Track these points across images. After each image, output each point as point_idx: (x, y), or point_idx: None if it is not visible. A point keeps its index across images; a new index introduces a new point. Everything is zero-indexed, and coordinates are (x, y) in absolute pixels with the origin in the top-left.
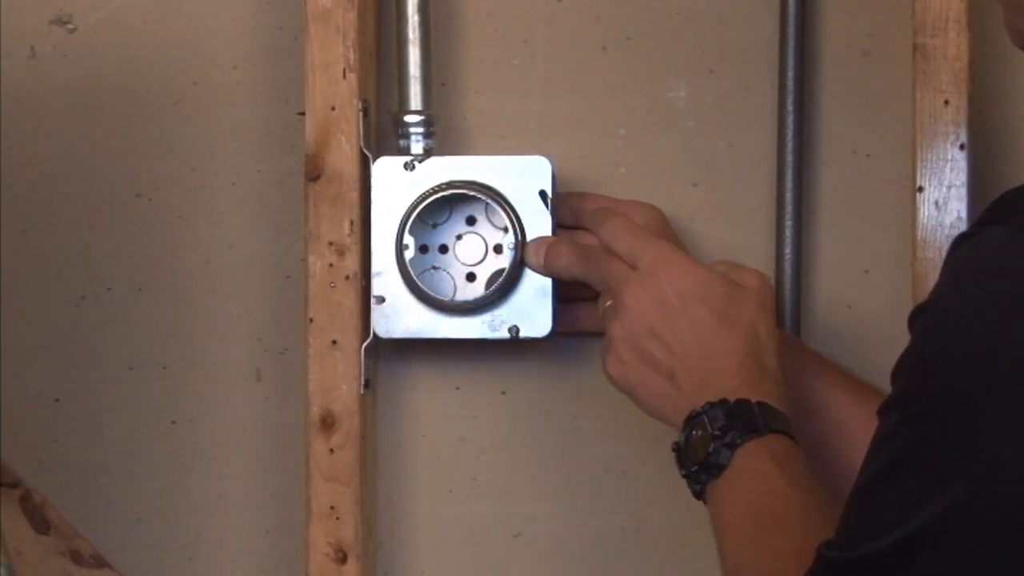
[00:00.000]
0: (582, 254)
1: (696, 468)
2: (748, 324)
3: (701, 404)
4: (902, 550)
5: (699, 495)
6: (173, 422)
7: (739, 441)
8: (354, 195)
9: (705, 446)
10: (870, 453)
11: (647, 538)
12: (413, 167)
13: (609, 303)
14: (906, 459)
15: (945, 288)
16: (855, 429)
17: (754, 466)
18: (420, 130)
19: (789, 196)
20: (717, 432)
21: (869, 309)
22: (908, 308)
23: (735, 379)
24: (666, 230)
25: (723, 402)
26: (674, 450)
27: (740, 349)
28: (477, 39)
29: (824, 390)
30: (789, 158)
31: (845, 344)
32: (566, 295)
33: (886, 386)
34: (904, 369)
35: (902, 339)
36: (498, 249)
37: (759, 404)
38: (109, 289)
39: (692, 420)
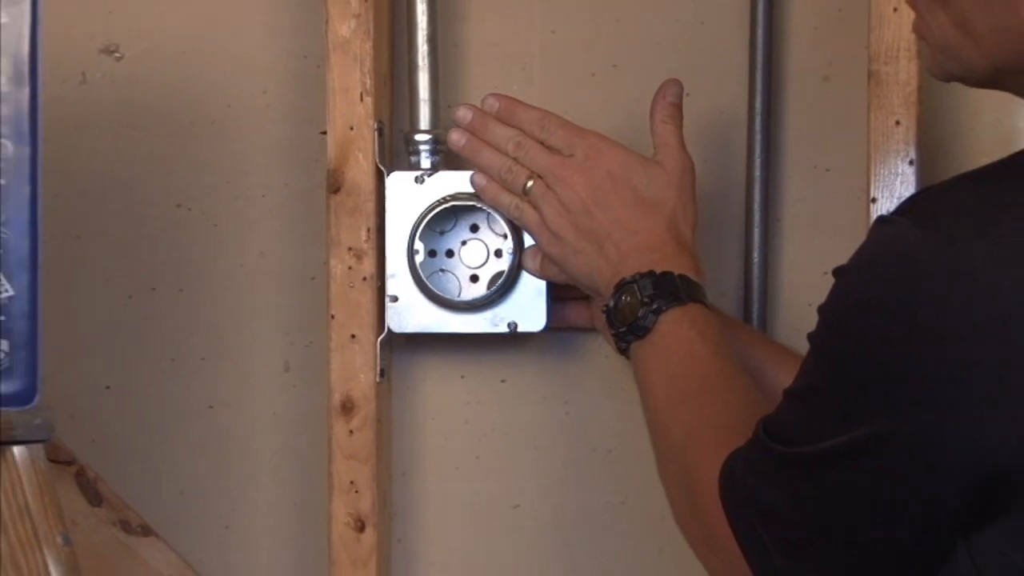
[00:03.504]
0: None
1: (624, 329)
2: (666, 202)
3: (630, 273)
4: (819, 459)
5: (624, 351)
6: (211, 407)
7: (664, 308)
8: (370, 206)
9: (634, 311)
10: (802, 368)
11: (630, 510)
12: (423, 180)
13: (531, 184)
14: (819, 386)
15: (857, 260)
16: (773, 379)
17: (676, 331)
18: (429, 147)
19: (757, 206)
20: (646, 300)
21: None
22: None
23: (657, 252)
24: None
25: (651, 273)
26: (603, 311)
27: (661, 225)
28: (480, 66)
29: (752, 353)
30: (757, 172)
31: (805, 337)
32: (558, 295)
33: None
34: (822, 314)
35: None
36: (498, 253)
37: (680, 276)
38: (153, 289)
39: (622, 287)
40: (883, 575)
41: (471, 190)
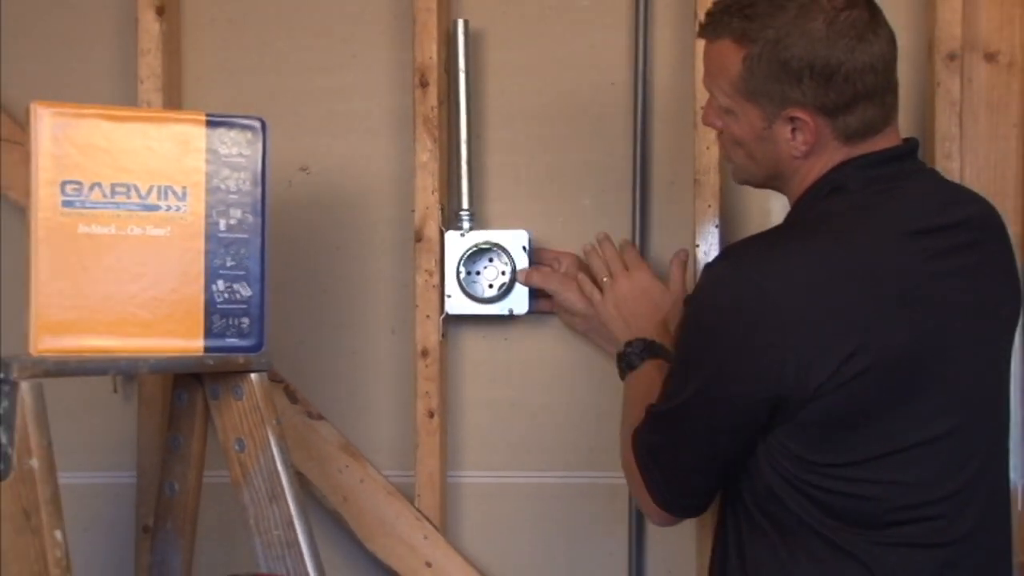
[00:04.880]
0: (542, 275)
1: (625, 365)
2: (664, 309)
3: (635, 337)
4: (676, 409)
5: (623, 377)
6: (354, 352)
7: (646, 357)
8: (437, 248)
9: (633, 357)
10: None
11: (576, 402)
12: (464, 235)
13: (606, 279)
14: (676, 369)
15: (696, 289)
16: None
17: (649, 370)
18: (467, 217)
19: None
20: (639, 352)
21: None
22: None
23: (653, 331)
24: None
25: (643, 340)
26: (618, 354)
27: (658, 319)
28: (495, 175)
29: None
30: (637, 230)
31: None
32: (536, 294)
33: None
34: (680, 327)
35: None
36: (503, 273)
37: (660, 344)
38: (324, 292)
39: (630, 344)
40: (713, 465)
41: (491, 240)
